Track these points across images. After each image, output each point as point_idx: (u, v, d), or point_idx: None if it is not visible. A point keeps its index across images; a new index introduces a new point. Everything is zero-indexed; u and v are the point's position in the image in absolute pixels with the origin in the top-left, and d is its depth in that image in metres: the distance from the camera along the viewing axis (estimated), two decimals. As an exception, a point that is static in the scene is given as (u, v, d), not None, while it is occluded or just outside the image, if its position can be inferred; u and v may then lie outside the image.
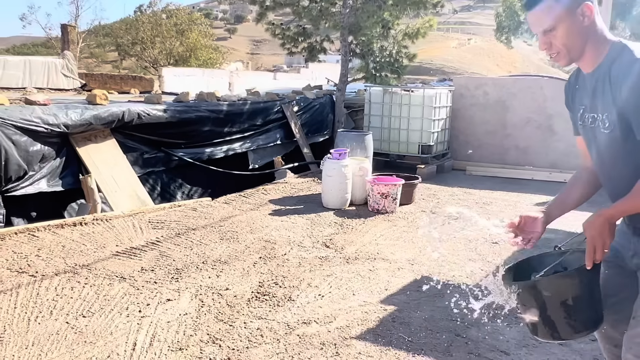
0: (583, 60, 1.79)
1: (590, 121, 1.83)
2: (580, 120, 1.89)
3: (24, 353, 2.81)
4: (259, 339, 3.06)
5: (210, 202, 6.03)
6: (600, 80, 1.74)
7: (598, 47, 1.74)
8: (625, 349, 1.83)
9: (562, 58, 1.77)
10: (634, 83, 1.61)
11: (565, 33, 1.71)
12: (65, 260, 4.07)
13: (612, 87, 1.67)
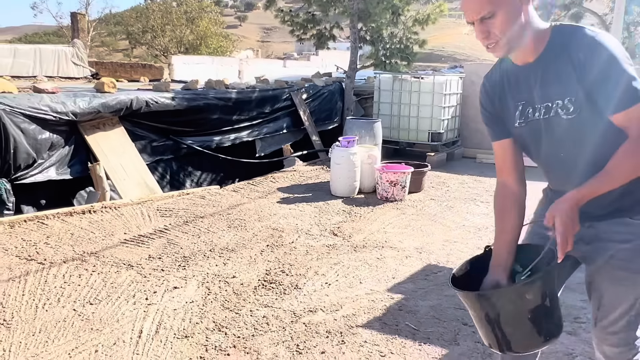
0: (522, 49, 1.66)
1: (541, 113, 1.71)
2: (521, 118, 1.76)
3: (31, 340, 2.82)
4: (265, 327, 3.06)
5: (219, 190, 6.03)
6: (552, 66, 1.65)
7: (538, 34, 1.65)
8: (598, 342, 1.81)
9: (500, 48, 1.62)
10: (602, 61, 1.55)
11: (505, 19, 1.58)
12: (73, 248, 4.09)
13: (578, 69, 1.59)
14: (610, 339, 1.78)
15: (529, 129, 1.76)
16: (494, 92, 1.83)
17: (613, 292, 1.74)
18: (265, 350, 2.82)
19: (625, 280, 1.70)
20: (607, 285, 1.75)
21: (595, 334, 1.81)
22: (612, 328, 1.75)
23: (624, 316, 1.73)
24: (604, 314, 1.76)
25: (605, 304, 1.76)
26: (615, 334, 1.76)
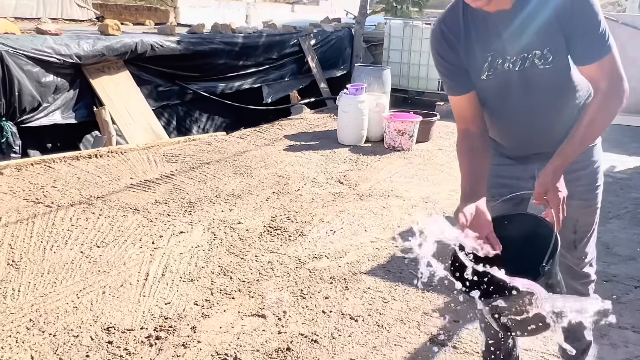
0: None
1: (515, 64, 1.62)
2: (489, 70, 1.65)
3: (40, 280, 2.87)
4: (270, 272, 3.09)
5: (225, 136, 5.99)
6: (531, 14, 1.56)
7: None
8: (578, 263, 1.93)
9: None
10: (583, 11, 1.51)
11: None
12: (80, 192, 4.11)
13: (560, 17, 1.53)
14: (587, 258, 1.94)
15: (496, 82, 1.67)
16: (457, 41, 1.67)
17: (586, 214, 1.86)
18: (270, 294, 2.85)
19: (593, 200, 1.84)
20: (580, 211, 1.84)
21: (576, 256, 1.92)
22: (589, 247, 1.92)
23: (594, 233, 1.91)
24: (582, 234, 1.89)
25: (582, 226, 1.87)
26: (591, 252, 1.94)
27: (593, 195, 1.86)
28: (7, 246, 3.21)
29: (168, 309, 2.69)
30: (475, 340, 2.50)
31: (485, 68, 1.66)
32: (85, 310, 2.63)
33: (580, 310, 1.40)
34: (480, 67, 1.66)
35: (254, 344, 2.43)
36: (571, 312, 1.57)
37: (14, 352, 2.31)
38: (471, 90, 1.71)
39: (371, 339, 2.51)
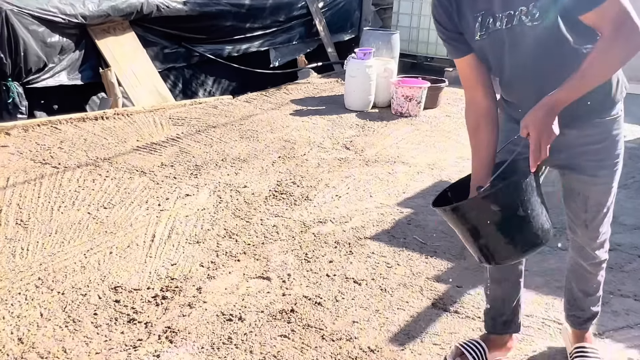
0: None
1: (502, 22, 1.60)
2: (481, 30, 1.64)
3: (48, 240, 2.90)
4: (275, 235, 3.11)
5: (231, 100, 5.96)
6: None
7: None
8: (591, 247, 1.92)
9: None
10: None
11: None
12: (87, 153, 4.12)
13: None
14: (599, 236, 1.90)
15: (490, 41, 1.66)
16: (450, 6, 1.70)
17: (598, 192, 1.81)
18: (275, 257, 2.88)
19: (605, 177, 1.78)
20: (590, 188, 1.80)
21: (587, 235, 1.89)
22: (601, 226, 1.87)
23: (607, 214, 1.86)
24: (593, 214, 1.84)
25: (592, 205, 1.83)
26: (603, 231, 1.89)
27: (606, 173, 1.78)
28: (16, 206, 3.24)
29: (174, 270, 2.72)
30: (477, 306, 2.52)
31: (477, 28, 1.66)
32: (92, 270, 2.67)
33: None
34: (473, 28, 1.67)
35: (258, 305, 2.47)
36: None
37: (24, 309, 2.36)
38: (469, 53, 1.74)
39: (374, 302, 2.54)
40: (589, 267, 1.98)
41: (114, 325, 2.29)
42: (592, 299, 2.07)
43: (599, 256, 1.95)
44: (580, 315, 2.09)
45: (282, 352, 2.18)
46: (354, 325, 2.37)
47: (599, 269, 2.00)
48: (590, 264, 1.98)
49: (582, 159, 1.75)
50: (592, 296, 2.06)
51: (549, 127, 1.52)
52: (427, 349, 2.23)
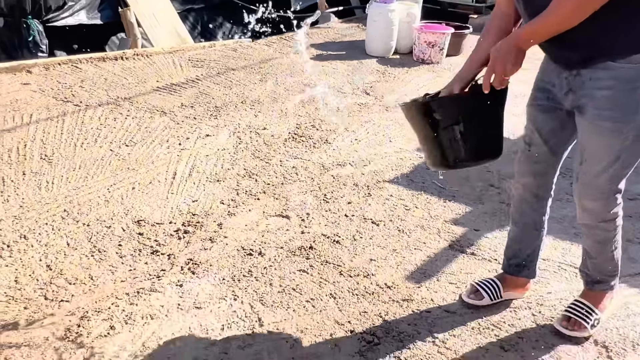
0: None
1: None
2: None
3: (72, 174, 2.96)
4: (294, 176, 3.14)
5: (251, 43, 5.89)
6: None
7: None
8: (579, 196, 1.84)
9: None
10: None
11: None
12: (107, 93, 4.13)
13: None
14: (592, 193, 1.79)
15: None
16: None
17: (596, 144, 1.71)
18: (294, 197, 2.91)
19: (607, 131, 1.67)
20: (589, 137, 1.72)
21: (577, 189, 1.83)
22: (595, 181, 1.76)
23: (607, 169, 1.72)
24: (587, 168, 1.76)
25: (587, 158, 1.75)
26: (597, 187, 1.77)
27: (608, 126, 1.65)
28: (39, 141, 3.29)
29: (195, 206, 2.77)
30: (495, 249, 2.55)
31: None
32: (116, 204, 2.73)
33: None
34: None
35: (277, 242, 2.52)
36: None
37: (51, 238, 2.43)
38: None
39: (391, 242, 2.57)
40: (582, 226, 1.93)
41: (138, 256, 2.36)
42: (595, 263, 1.99)
43: (585, 220, 1.86)
44: (586, 273, 2.05)
45: (300, 286, 2.24)
46: (371, 263, 2.41)
47: (592, 232, 1.90)
48: (582, 224, 1.92)
49: (587, 101, 1.68)
50: (594, 259, 1.98)
51: (506, 58, 1.62)
52: (443, 287, 2.27)
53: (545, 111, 1.85)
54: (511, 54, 1.62)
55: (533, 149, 1.93)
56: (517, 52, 1.62)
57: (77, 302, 2.07)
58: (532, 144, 1.93)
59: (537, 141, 1.90)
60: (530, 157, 1.95)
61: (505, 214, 2.84)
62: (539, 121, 1.88)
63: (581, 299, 2.07)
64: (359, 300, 2.18)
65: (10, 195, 2.72)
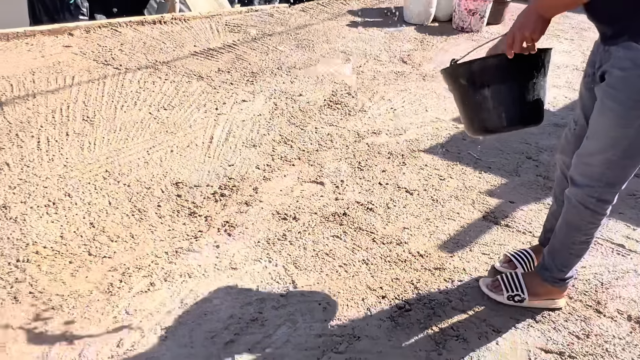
0: None
1: None
2: None
3: (113, 136, 3.04)
4: (329, 143, 3.15)
5: (288, 8, 5.84)
6: None
7: None
8: (572, 167, 1.79)
9: None
10: None
11: None
12: (146, 56, 4.18)
13: None
14: (583, 169, 1.74)
15: None
16: None
17: (600, 122, 1.66)
18: (328, 164, 2.93)
19: (612, 112, 1.61)
20: (596, 113, 1.68)
21: (574, 159, 1.79)
22: (590, 160, 1.71)
23: (604, 151, 1.66)
24: (587, 143, 1.72)
25: (590, 135, 1.71)
26: (589, 165, 1.72)
27: (614, 107, 1.59)
28: (81, 103, 3.37)
29: (231, 170, 2.82)
30: (529, 221, 2.53)
31: None
32: (155, 166, 2.80)
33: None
34: None
35: (312, 207, 2.55)
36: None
37: (93, 197, 2.52)
38: None
39: (425, 211, 2.58)
40: (565, 197, 1.84)
41: (176, 217, 2.43)
42: (553, 245, 1.92)
43: (569, 191, 1.80)
44: (543, 254, 1.99)
45: (334, 251, 2.27)
46: (404, 231, 2.42)
47: (567, 209, 1.82)
48: (565, 195, 1.84)
49: (606, 77, 1.63)
50: (554, 241, 1.91)
51: (526, 26, 1.62)
52: (476, 258, 2.28)
53: (588, 88, 1.80)
54: (529, 20, 1.61)
55: (578, 129, 1.88)
56: (535, 19, 1.61)
57: (118, 258, 2.15)
58: (578, 122, 1.88)
59: (582, 120, 1.86)
60: (574, 136, 1.91)
61: (542, 187, 2.81)
62: (584, 98, 1.83)
63: (519, 272, 2.06)
64: (391, 267, 2.20)
65: (55, 154, 2.82)
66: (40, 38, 4.33)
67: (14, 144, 2.88)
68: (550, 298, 2.02)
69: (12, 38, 4.24)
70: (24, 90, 3.46)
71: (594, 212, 1.77)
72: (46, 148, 2.86)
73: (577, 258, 1.91)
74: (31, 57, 3.98)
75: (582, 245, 1.87)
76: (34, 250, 2.16)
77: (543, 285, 1.99)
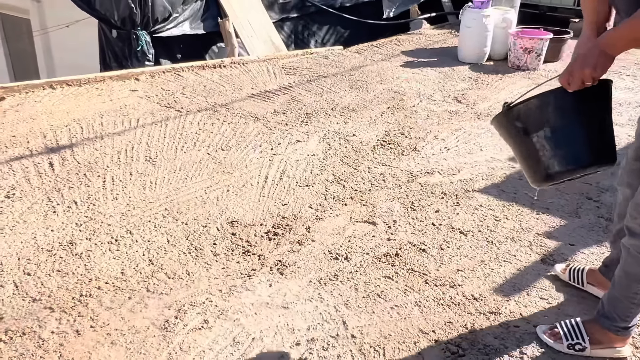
0: None
1: None
2: None
3: (173, 176, 3.16)
4: (381, 183, 3.16)
5: (342, 50, 5.98)
6: None
7: None
8: (628, 216, 1.70)
9: None
10: None
11: None
12: (206, 99, 4.37)
13: None
14: (636, 212, 1.67)
15: None
16: None
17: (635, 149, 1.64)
18: (381, 204, 2.93)
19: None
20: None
21: (629, 209, 1.72)
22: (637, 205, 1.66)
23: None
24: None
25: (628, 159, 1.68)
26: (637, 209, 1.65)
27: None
28: (145, 144, 3.54)
29: (285, 209, 2.87)
30: (591, 264, 2.43)
31: None
32: (212, 205, 2.88)
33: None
34: None
35: (364, 247, 2.55)
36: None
37: (153, 235, 2.62)
38: None
39: (479, 253, 2.52)
40: (622, 246, 1.77)
41: (231, 255, 2.48)
42: (612, 294, 1.83)
43: (625, 239, 1.74)
44: (602, 301, 1.90)
45: (385, 292, 2.25)
46: (458, 273, 2.38)
47: (625, 257, 1.75)
48: (622, 244, 1.77)
49: None
50: (613, 290, 1.82)
51: (584, 59, 1.56)
52: (533, 302, 2.20)
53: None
54: (592, 56, 1.55)
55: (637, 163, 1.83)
56: (598, 55, 1.55)
57: (175, 295, 2.21)
58: (638, 158, 1.83)
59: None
60: (634, 171, 1.85)
61: (603, 229, 2.70)
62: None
63: (580, 320, 1.96)
64: (444, 310, 2.16)
65: (119, 193, 2.96)
66: (109, 83, 4.61)
67: (82, 183, 3.05)
68: (614, 347, 1.92)
69: (83, 83, 4.54)
70: (92, 132, 3.67)
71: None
72: (111, 187, 3.01)
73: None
74: (100, 101, 4.24)
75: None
76: (97, 286, 2.26)
77: (605, 333, 1.90)
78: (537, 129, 1.63)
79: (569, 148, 1.62)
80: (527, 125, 1.64)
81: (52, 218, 2.72)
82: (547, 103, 1.62)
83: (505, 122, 1.72)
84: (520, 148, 1.71)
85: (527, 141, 1.66)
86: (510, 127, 1.71)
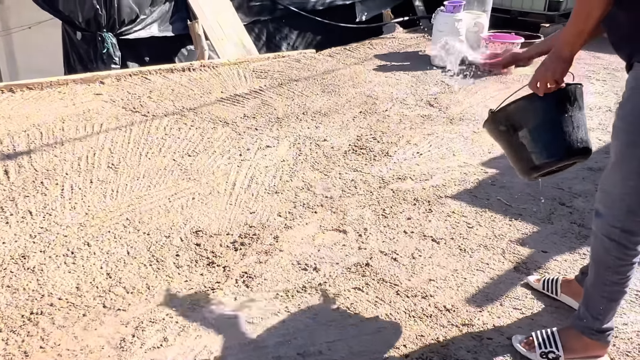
0: None
1: None
2: None
3: (136, 183, 3.03)
4: (353, 189, 3.08)
5: (314, 54, 5.90)
6: None
7: None
8: (595, 199, 1.78)
9: None
10: None
11: None
12: (174, 103, 4.24)
13: None
14: (603, 196, 1.71)
15: None
16: None
17: (612, 145, 1.68)
18: (352, 211, 2.85)
19: (620, 132, 1.62)
20: (612, 141, 1.68)
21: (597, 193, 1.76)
22: (608, 186, 1.69)
23: (619, 176, 1.67)
24: (607, 173, 1.71)
25: (611, 165, 1.69)
26: (609, 194, 1.68)
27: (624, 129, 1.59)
28: (107, 150, 3.40)
29: (252, 218, 2.77)
30: (565, 273, 2.38)
31: None
32: (176, 214, 2.77)
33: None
34: None
35: (334, 257, 2.47)
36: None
37: (112, 246, 2.49)
38: None
39: (452, 262, 2.46)
40: (591, 233, 1.78)
41: (195, 267, 2.37)
42: (586, 289, 1.82)
43: (594, 224, 1.74)
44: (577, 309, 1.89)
45: (355, 305, 2.17)
46: (430, 283, 2.31)
47: (594, 244, 1.75)
48: (592, 237, 1.77)
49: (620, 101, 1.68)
50: (587, 285, 1.81)
51: (546, 68, 1.69)
52: (506, 313, 2.14)
53: None
54: (551, 63, 1.68)
55: None
56: (555, 60, 1.67)
57: (133, 311, 2.09)
58: None
59: None
60: None
61: (576, 236, 2.67)
62: None
63: (556, 329, 1.92)
64: (416, 323, 2.08)
65: (78, 202, 2.82)
66: (72, 86, 4.44)
67: (38, 191, 2.90)
68: (590, 356, 1.87)
69: (45, 87, 4.37)
70: (52, 138, 3.52)
71: (619, 245, 1.67)
72: (69, 196, 2.87)
73: (612, 303, 1.77)
74: (62, 105, 4.08)
75: (615, 287, 1.74)
76: (49, 302, 2.12)
77: (580, 338, 1.84)
78: (518, 129, 1.85)
79: (547, 143, 1.83)
80: (509, 127, 1.87)
81: (4, 229, 2.57)
82: (523, 107, 1.83)
83: (492, 126, 1.95)
84: (507, 145, 1.94)
85: (512, 140, 1.89)
86: (496, 130, 1.94)
